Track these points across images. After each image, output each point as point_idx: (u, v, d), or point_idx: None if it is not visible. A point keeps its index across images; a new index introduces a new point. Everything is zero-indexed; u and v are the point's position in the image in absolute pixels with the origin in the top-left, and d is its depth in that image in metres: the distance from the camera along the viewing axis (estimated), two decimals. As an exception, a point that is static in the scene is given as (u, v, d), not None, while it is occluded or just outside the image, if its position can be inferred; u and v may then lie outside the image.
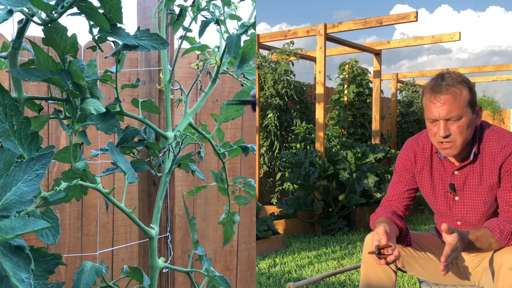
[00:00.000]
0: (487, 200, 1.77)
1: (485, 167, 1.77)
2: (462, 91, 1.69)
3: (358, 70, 7.01)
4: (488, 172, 1.76)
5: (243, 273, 2.68)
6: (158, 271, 1.43)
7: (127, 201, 2.23)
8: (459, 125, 1.69)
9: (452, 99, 1.68)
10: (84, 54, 2.17)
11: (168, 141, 1.47)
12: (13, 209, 0.85)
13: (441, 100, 1.68)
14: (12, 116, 0.99)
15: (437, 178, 1.87)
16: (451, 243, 1.56)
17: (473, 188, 1.80)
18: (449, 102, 1.67)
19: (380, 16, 5.47)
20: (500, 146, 1.74)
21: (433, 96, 1.70)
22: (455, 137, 1.70)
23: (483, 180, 1.77)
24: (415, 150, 1.90)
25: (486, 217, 1.80)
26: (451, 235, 1.57)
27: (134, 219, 1.32)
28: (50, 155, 0.91)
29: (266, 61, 6.31)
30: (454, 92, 1.68)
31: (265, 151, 6.29)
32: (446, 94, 1.68)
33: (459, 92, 1.68)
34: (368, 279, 1.83)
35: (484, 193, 1.77)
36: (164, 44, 1.20)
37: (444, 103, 1.68)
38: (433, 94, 1.70)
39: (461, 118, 1.69)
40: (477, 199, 1.79)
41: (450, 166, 1.84)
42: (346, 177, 5.32)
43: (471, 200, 1.81)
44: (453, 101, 1.67)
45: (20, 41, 1.10)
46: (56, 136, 2.19)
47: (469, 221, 1.83)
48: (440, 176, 1.86)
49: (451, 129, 1.70)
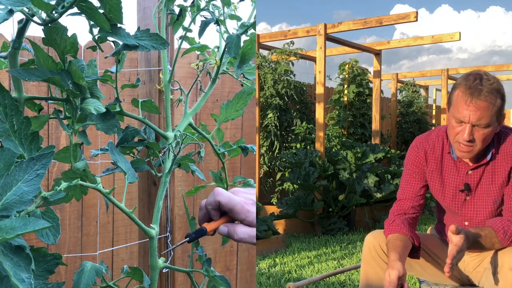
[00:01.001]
0: (497, 200, 1.77)
1: (497, 166, 1.76)
2: (496, 100, 1.65)
3: (358, 70, 7.01)
4: (499, 171, 1.76)
5: (243, 273, 2.68)
6: (158, 271, 1.43)
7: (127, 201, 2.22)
8: (484, 133, 1.66)
9: (486, 107, 1.63)
10: (84, 54, 2.17)
11: (168, 141, 1.47)
12: (13, 209, 0.85)
13: (477, 105, 1.63)
14: (13, 116, 0.99)
15: (448, 178, 1.84)
16: (457, 244, 1.55)
17: (485, 188, 1.78)
18: (483, 109, 1.63)
19: (380, 16, 5.47)
20: None
21: (469, 99, 1.64)
22: (476, 143, 1.68)
23: (495, 180, 1.76)
24: (426, 148, 1.87)
25: (493, 216, 1.79)
26: (457, 235, 1.56)
27: (134, 219, 1.32)
28: (50, 155, 0.91)
29: (266, 61, 6.31)
30: (490, 100, 1.63)
31: (265, 151, 6.29)
32: (484, 101, 1.63)
33: (493, 102, 1.64)
34: (368, 279, 1.83)
35: (495, 192, 1.77)
36: (164, 44, 1.20)
37: (478, 109, 1.63)
38: (470, 97, 1.64)
39: (488, 126, 1.66)
40: (488, 199, 1.78)
41: (464, 166, 1.81)
42: (346, 177, 5.32)
43: (481, 200, 1.80)
44: (486, 109, 1.63)
45: (20, 41, 1.10)
46: (56, 136, 2.19)
47: (477, 221, 1.82)
48: (452, 176, 1.83)
49: (475, 134, 1.67)
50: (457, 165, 1.82)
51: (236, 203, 0.96)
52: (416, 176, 1.89)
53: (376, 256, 1.82)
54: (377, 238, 1.83)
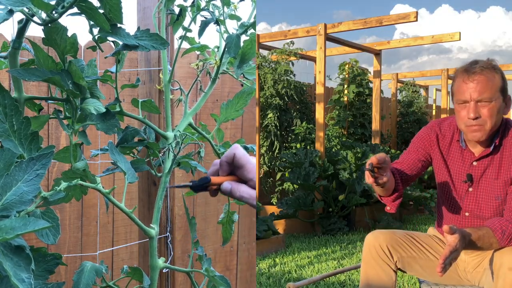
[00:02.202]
0: (499, 196, 1.76)
1: (504, 162, 1.76)
2: (495, 75, 1.70)
3: (358, 70, 7.01)
4: (506, 167, 1.75)
5: (243, 273, 2.68)
6: (158, 271, 1.43)
7: (127, 201, 2.22)
8: (490, 108, 1.69)
9: (486, 80, 1.68)
10: (84, 54, 2.17)
11: (168, 141, 1.47)
12: (13, 209, 0.85)
13: (475, 81, 1.68)
14: (12, 116, 0.99)
15: (452, 167, 1.85)
16: (451, 245, 1.55)
17: (489, 182, 1.78)
18: (482, 83, 1.68)
19: (380, 16, 5.47)
20: None
21: (466, 76, 1.70)
22: (484, 119, 1.69)
23: (500, 175, 1.76)
24: (437, 132, 1.89)
25: (496, 213, 1.79)
26: (452, 235, 1.56)
27: (134, 219, 1.33)
28: (50, 155, 0.91)
29: (266, 61, 6.31)
30: (488, 74, 1.69)
31: (265, 151, 6.28)
32: (480, 75, 1.68)
33: (492, 76, 1.69)
34: (368, 279, 1.83)
35: (498, 188, 1.76)
36: (164, 44, 1.20)
37: (478, 84, 1.68)
38: (467, 74, 1.70)
39: (491, 101, 1.68)
40: (490, 193, 1.78)
41: (470, 156, 1.82)
42: (346, 177, 5.32)
43: (484, 193, 1.80)
44: (486, 83, 1.68)
45: (20, 41, 1.10)
46: (56, 136, 2.19)
47: (478, 213, 1.82)
48: (457, 165, 1.84)
49: (481, 111, 1.69)
50: (463, 155, 1.83)
51: (249, 161, 0.97)
52: (420, 151, 1.91)
53: (376, 256, 1.82)
54: (377, 238, 1.83)
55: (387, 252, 1.82)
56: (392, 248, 1.83)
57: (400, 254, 1.84)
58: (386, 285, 1.80)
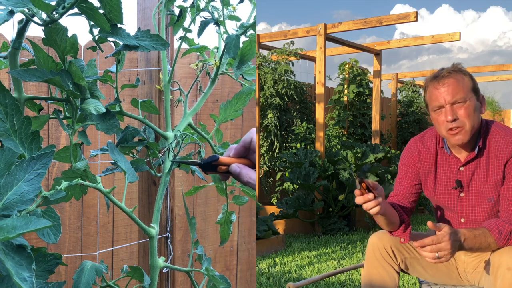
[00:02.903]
0: (491, 197, 1.76)
1: (491, 163, 1.76)
2: (463, 77, 1.73)
3: (358, 70, 7.01)
4: (493, 168, 1.75)
5: (243, 273, 2.68)
6: (158, 270, 1.43)
7: (127, 201, 2.23)
8: (466, 108, 1.71)
9: (456, 82, 1.71)
10: (84, 54, 2.17)
11: (168, 141, 1.47)
12: (14, 208, 0.85)
13: (445, 85, 1.72)
14: (13, 116, 0.99)
15: (441, 175, 1.86)
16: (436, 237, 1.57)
17: (479, 185, 1.78)
18: (453, 85, 1.71)
19: (380, 16, 5.48)
20: (507, 143, 1.73)
21: (436, 83, 1.74)
22: (463, 121, 1.71)
23: (489, 177, 1.76)
24: (419, 148, 1.89)
25: (491, 215, 1.79)
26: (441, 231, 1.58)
27: (134, 218, 1.33)
28: (51, 155, 0.91)
29: (266, 61, 6.31)
30: (457, 77, 1.72)
31: (265, 151, 6.29)
32: (449, 78, 1.72)
33: (461, 78, 1.73)
34: (370, 280, 1.83)
35: (489, 190, 1.76)
36: (165, 44, 1.20)
37: (449, 87, 1.71)
38: (436, 81, 1.74)
39: (466, 101, 1.71)
40: (482, 196, 1.78)
41: (456, 162, 1.82)
42: (346, 177, 5.33)
43: (476, 197, 1.79)
44: (456, 84, 1.71)
45: (20, 41, 1.11)
46: (56, 136, 2.19)
47: (473, 218, 1.82)
48: (445, 173, 1.85)
49: (458, 112, 1.71)
50: (449, 162, 1.84)
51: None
52: (409, 175, 1.92)
53: (380, 257, 1.81)
54: (381, 239, 1.83)
55: (391, 253, 1.82)
56: (396, 249, 1.83)
57: (404, 255, 1.84)
58: (388, 286, 1.80)
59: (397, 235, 1.79)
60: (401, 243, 1.81)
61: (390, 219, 1.71)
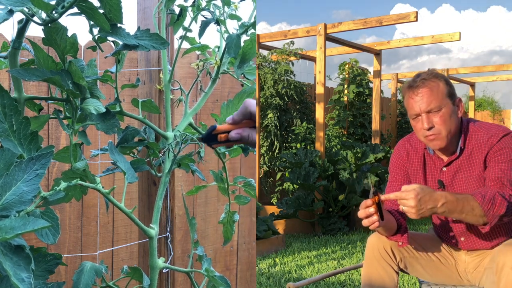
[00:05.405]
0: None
1: (474, 158, 1.79)
2: (438, 83, 1.75)
3: (358, 70, 7.01)
4: (477, 163, 1.78)
5: (243, 273, 2.68)
6: (158, 271, 1.43)
7: (127, 201, 2.23)
8: (441, 115, 1.74)
9: (429, 91, 1.74)
10: (84, 54, 2.17)
11: (168, 141, 1.47)
12: (13, 208, 0.85)
13: (419, 94, 1.75)
14: (12, 116, 0.99)
15: (429, 175, 1.89)
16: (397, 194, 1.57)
17: (463, 181, 1.81)
18: (427, 94, 1.74)
19: (380, 16, 5.48)
20: (487, 137, 1.77)
21: (411, 92, 1.77)
22: (439, 128, 1.74)
23: (473, 172, 1.79)
24: (408, 149, 1.93)
25: None
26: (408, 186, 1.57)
27: (134, 219, 1.33)
28: (50, 155, 0.91)
29: (266, 61, 6.31)
30: (430, 84, 1.75)
31: (265, 151, 6.29)
32: (423, 87, 1.75)
33: (435, 85, 1.75)
34: (370, 279, 1.83)
35: (474, 184, 1.78)
36: (165, 44, 1.20)
37: (423, 96, 1.74)
38: (411, 90, 1.77)
39: (441, 109, 1.74)
40: (468, 191, 1.78)
41: (439, 162, 1.86)
42: (346, 177, 5.33)
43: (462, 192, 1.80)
44: (430, 93, 1.74)
45: (20, 41, 1.10)
46: (56, 136, 2.19)
47: None
48: (432, 172, 1.88)
49: (434, 120, 1.74)
50: (434, 162, 1.88)
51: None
52: (399, 177, 1.94)
53: (379, 257, 1.81)
54: (380, 239, 1.83)
55: (390, 253, 1.82)
56: (395, 249, 1.83)
57: (403, 255, 1.84)
58: (387, 285, 1.80)
59: (395, 240, 1.79)
60: (399, 246, 1.81)
61: (387, 225, 1.72)
